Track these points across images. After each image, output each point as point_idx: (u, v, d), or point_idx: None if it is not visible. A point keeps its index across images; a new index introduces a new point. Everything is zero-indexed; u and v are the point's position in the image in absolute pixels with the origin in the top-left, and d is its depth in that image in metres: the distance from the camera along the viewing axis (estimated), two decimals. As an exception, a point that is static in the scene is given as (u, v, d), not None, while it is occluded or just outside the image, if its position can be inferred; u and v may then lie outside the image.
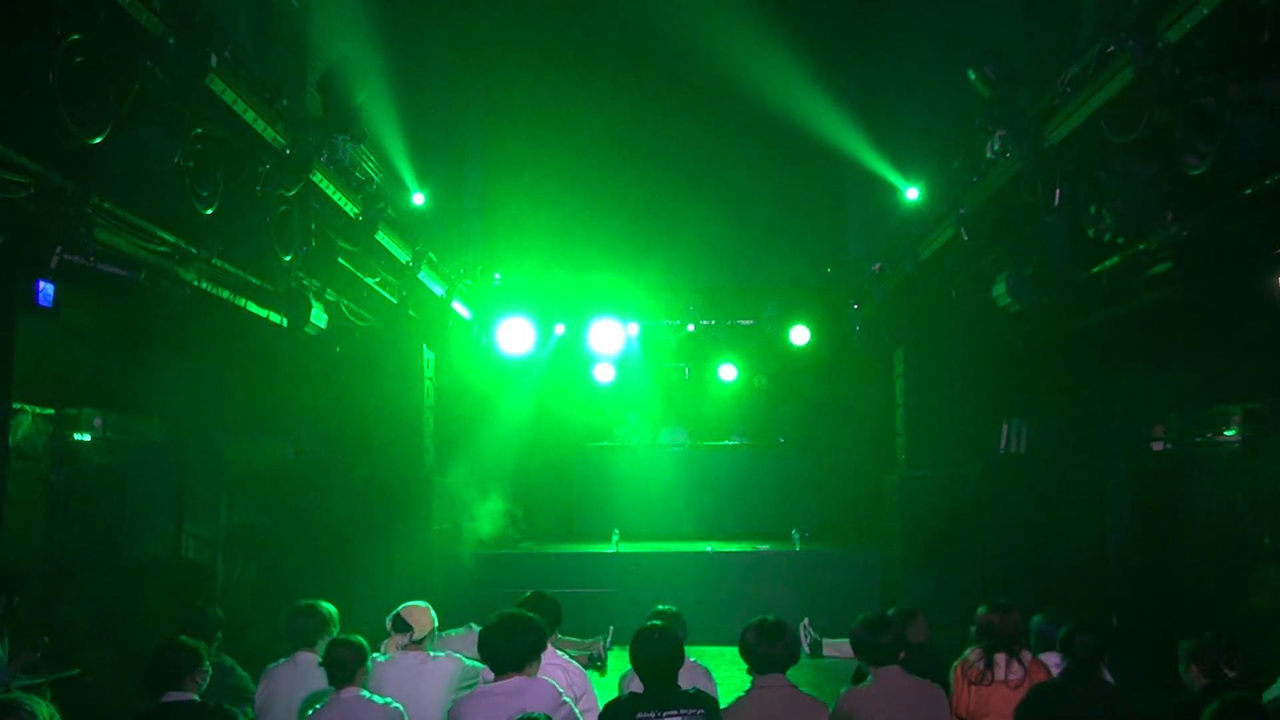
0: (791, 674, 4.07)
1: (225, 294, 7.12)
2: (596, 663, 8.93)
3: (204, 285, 6.71)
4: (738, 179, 13.38)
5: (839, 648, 8.93)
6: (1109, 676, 4.40)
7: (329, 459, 10.89)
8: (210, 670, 4.14)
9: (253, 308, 7.54)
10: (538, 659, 4.10)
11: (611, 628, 9.41)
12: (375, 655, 4.54)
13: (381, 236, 8.23)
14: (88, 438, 7.47)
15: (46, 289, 5.53)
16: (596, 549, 11.45)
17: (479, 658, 4.23)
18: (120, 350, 7.87)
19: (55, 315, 5.84)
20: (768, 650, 3.96)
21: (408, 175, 9.26)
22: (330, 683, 4.08)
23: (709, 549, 11.43)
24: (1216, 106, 4.65)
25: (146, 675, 3.96)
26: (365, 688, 4.14)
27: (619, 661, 8.66)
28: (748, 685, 4.02)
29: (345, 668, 4.05)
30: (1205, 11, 4.49)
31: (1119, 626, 9.24)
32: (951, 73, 8.64)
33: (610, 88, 12.92)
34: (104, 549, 7.65)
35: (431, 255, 9.73)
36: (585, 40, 12.54)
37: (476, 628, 4.67)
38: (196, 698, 3.95)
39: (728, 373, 14.00)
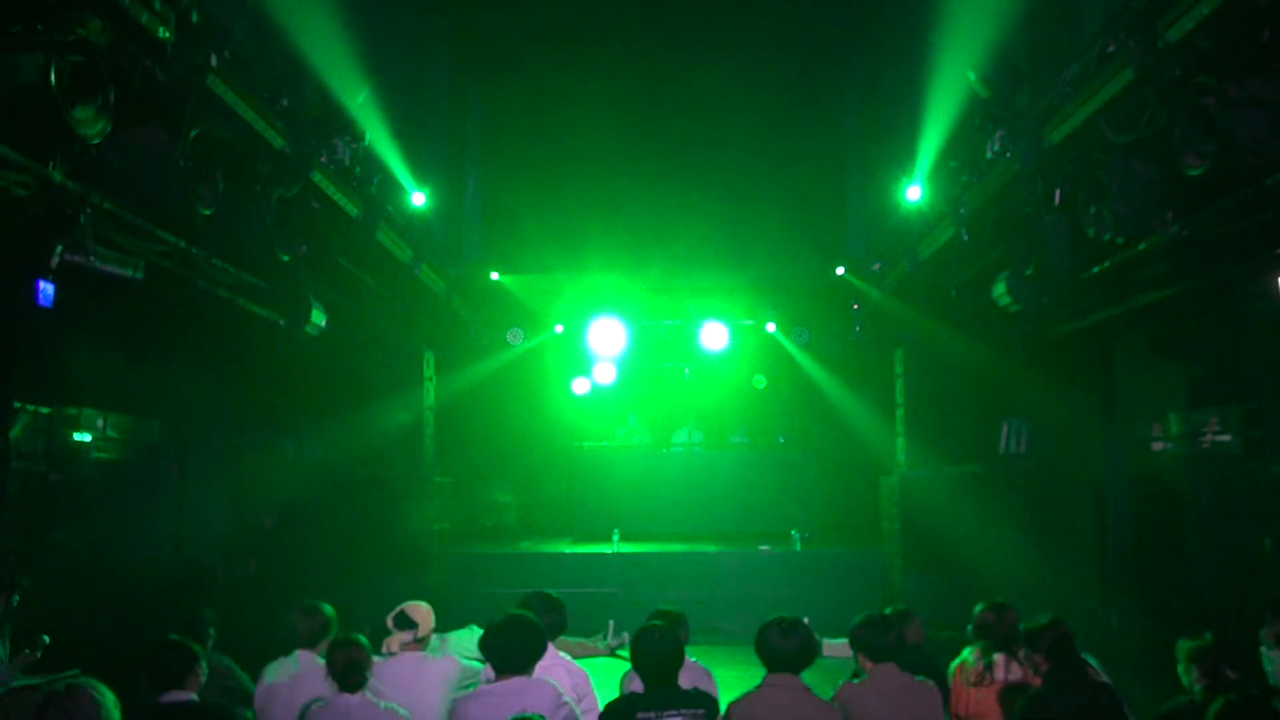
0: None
1: (225, 294, 7.12)
2: (617, 652, 9.06)
3: (204, 285, 6.71)
4: (737, 178, 13.36)
5: (838, 648, 8.92)
6: (1105, 677, 4.39)
7: (329, 459, 10.89)
8: (208, 670, 4.13)
9: (253, 308, 7.54)
10: (539, 660, 4.10)
11: (612, 622, 9.45)
12: (375, 656, 4.54)
13: (381, 236, 8.23)
14: (88, 438, 7.47)
15: (46, 289, 5.53)
16: (596, 549, 11.45)
17: (480, 658, 4.22)
18: (120, 350, 7.87)
19: (55, 315, 5.83)
20: (787, 649, 3.93)
21: (407, 175, 9.25)
22: (343, 688, 4.00)
23: (709, 549, 11.42)
24: (1216, 106, 4.65)
25: (146, 675, 3.95)
26: (367, 689, 4.13)
27: (619, 661, 8.64)
28: (757, 681, 3.99)
29: (358, 670, 4.00)
30: (1205, 11, 4.49)
31: (1119, 626, 9.24)
32: (952, 72, 8.65)
33: (611, 87, 12.91)
34: (104, 549, 7.65)
35: (431, 255, 9.73)
36: (585, 39, 12.53)
37: (478, 630, 4.67)
38: (196, 697, 3.95)
39: (728, 373, 13.98)
